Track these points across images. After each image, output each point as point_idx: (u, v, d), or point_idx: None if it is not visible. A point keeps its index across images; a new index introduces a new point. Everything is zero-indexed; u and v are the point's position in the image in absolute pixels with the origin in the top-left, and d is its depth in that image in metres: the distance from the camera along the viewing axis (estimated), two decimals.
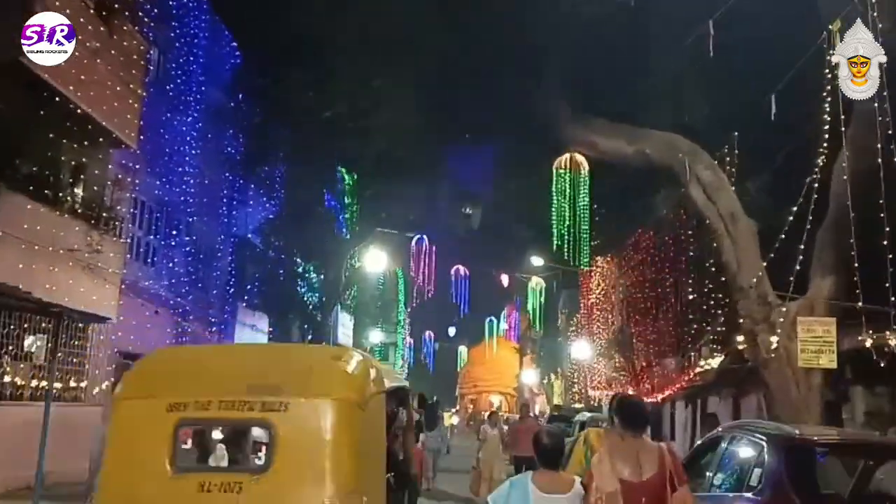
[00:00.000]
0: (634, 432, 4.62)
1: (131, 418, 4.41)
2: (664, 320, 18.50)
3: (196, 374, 4.67)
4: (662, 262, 18.02)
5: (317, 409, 4.26)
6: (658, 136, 12.50)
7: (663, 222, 17.14)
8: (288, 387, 4.35)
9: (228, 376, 4.56)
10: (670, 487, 4.37)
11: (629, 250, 21.97)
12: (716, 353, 13.65)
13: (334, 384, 4.43)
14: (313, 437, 4.19)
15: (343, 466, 4.19)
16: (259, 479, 4.16)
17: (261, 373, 4.56)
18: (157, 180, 18.97)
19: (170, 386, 4.45)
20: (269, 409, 4.22)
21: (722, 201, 11.68)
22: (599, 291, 28.99)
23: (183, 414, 4.25)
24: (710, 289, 13.43)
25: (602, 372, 30.69)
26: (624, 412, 4.73)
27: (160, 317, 19.54)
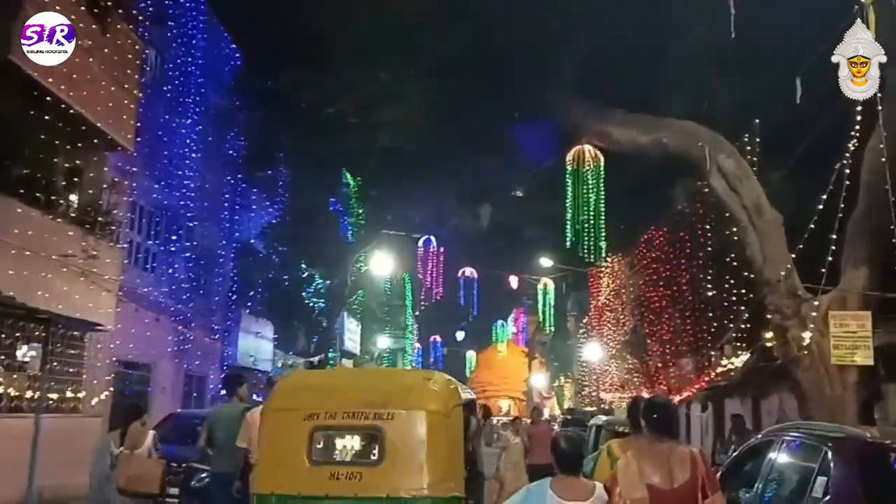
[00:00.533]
0: (664, 436, 4.43)
1: (278, 424, 5.95)
2: (680, 319, 17.86)
3: (324, 392, 6.28)
4: (678, 259, 17.39)
5: (415, 418, 5.74)
6: (676, 124, 11.92)
7: (679, 217, 16.52)
8: (393, 401, 5.83)
9: (348, 393, 6.13)
10: (702, 495, 4.16)
11: (642, 248, 21.34)
12: (740, 351, 13.01)
13: (427, 399, 5.90)
14: (413, 439, 5.66)
15: (435, 461, 5.64)
16: (374, 469, 5.67)
17: (372, 391, 6.10)
18: (155, 184, 18.45)
19: (305, 401, 5.99)
20: (379, 419, 5.73)
21: (745, 191, 11.09)
22: (609, 292, 28.35)
23: (316, 422, 5.78)
24: (731, 284, 12.84)
25: (614, 374, 30.05)
26: (653, 415, 4.53)
27: (161, 325, 19.01)
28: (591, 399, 38.19)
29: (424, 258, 21.10)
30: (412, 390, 6.05)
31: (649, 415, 4.56)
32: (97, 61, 14.75)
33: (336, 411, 5.91)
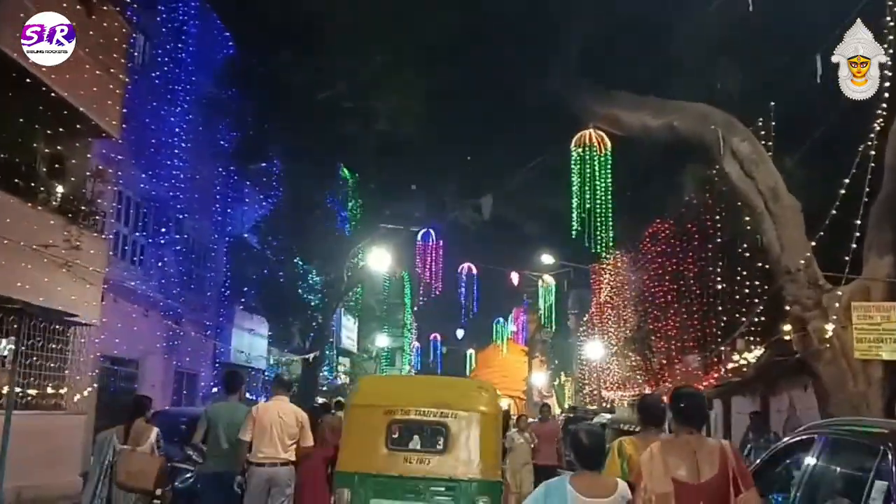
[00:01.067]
0: (691, 428, 4.19)
1: (361, 417, 7.32)
2: (687, 314, 17.23)
3: (398, 393, 7.82)
4: (685, 252, 16.76)
5: (471, 417, 7.12)
6: (688, 107, 11.29)
7: (686, 209, 15.90)
8: (455, 403, 7.25)
9: (418, 395, 7.59)
10: (734, 490, 3.92)
11: (646, 242, 20.71)
12: (753, 345, 12.37)
13: (480, 403, 7.34)
14: (470, 434, 7.02)
15: (486, 453, 7.03)
16: (440, 457, 7.04)
17: (437, 394, 7.58)
18: (142, 173, 17.82)
19: (383, 399, 7.37)
20: (444, 417, 7.14)
21: (761, 176, 10.46)
22: (612, 288, 27.75)
23: (392, 416, 7.17)
24: (743, 276, 12.21)
25: (616, 372, 29.47)
26: (679, 404, 4.30)
27: (149, 320, 18.37)
28: (591, 397, 37.65)
29: (423, 252, 20.42)
30: (469, 396, 7.60)
31: (675, 405, 4.33)
32: (81, 44, 13.98)
33: (409, 408, 7.41)
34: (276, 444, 8.00)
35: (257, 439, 7.94)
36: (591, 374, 36.58)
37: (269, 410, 8.21)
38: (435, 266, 20.39)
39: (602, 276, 28.92)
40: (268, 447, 7.98)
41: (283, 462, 8.04)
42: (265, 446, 7.97)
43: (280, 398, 8.47)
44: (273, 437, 8.00)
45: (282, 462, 8.02)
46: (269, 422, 8.04)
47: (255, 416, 8.09)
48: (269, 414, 8.13)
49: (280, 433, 8.02)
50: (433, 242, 20.51)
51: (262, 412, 8.14)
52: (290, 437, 8.10)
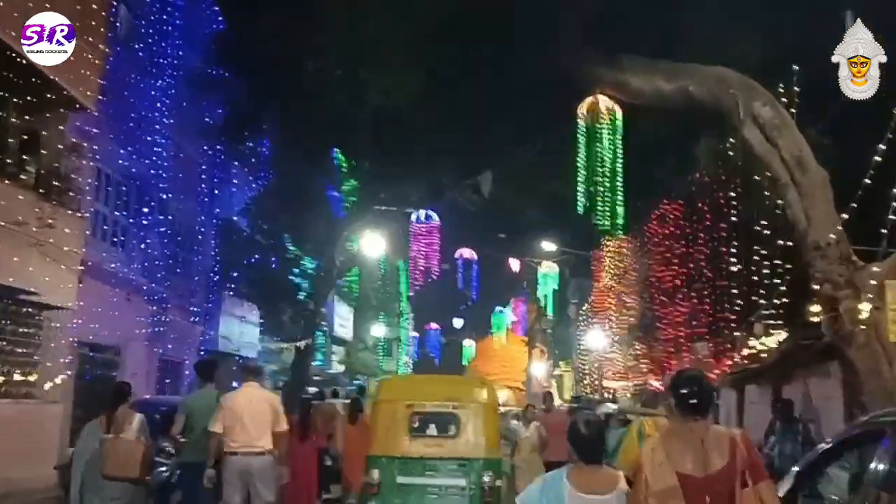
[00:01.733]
0: (697, 415, 3.83)
1: (387, 411, 8.66)
2: (697, 299, 16.36)
3: (416, 390, 9.63)
4: (695, 233, 15.87)
5: (478, 408, 8.67)
6: (704, 70, 10.38)
7: (697, 186, 15.01)
8: (462, 397, 8.81)
9: (432, 391, 9.32)
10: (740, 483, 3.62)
11: (653, 224, 19.82)
12: (774, 329, 11.49)
13: (482, 396, 8.90)
14: (477, 422, 8.51)
15: (488, 436, 8.50)
16: (452, 440, 8.50)
17: (448, 390, 9.28)
18: (123, 149, 16.89)
19: (404, 395, 8.83)
20: (456, 408, 8.64)
21: (786, 143, 9.57)
22: (614, 275, 26.88)
23: (413, 409, 8.60)
24: (762, 256, 11.33)
25: (618, 361, 28.66)
26: (682, 389, 3.88)
27: (132, 304, 17.51)
28: (592, 388, 36.85)
29: (419, 235, 19.49)
30: (473, 390, 9.16)
31: (676, 390, 3.90)
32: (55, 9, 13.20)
33: (426, 402, 8.81)
34: (250, 432, 7.84)
35: (229, 429, 7.82)
36: (591, 364, 35.78)
37: (239, 398, 8.08)
38: (431, 250, 19.46)
39: (604, 263, 28.05)
40: (240, 435, 7.81)
41: (259, 451, 7.85)
42: (238, 435, 7.82)
43: (250, 384, 8.30)
44: (245, 425, 7.84)
45: (257, 451, 7.84)
46: (239, 410, 7.90)
47: (224, 405, 8.01)
48: (238, 402, 8.00)
49: (252, 420, 7.87)
50: (431, 224, 19.54)
51: (231, 400, 8.04)
52: (263, 424, 7.93)
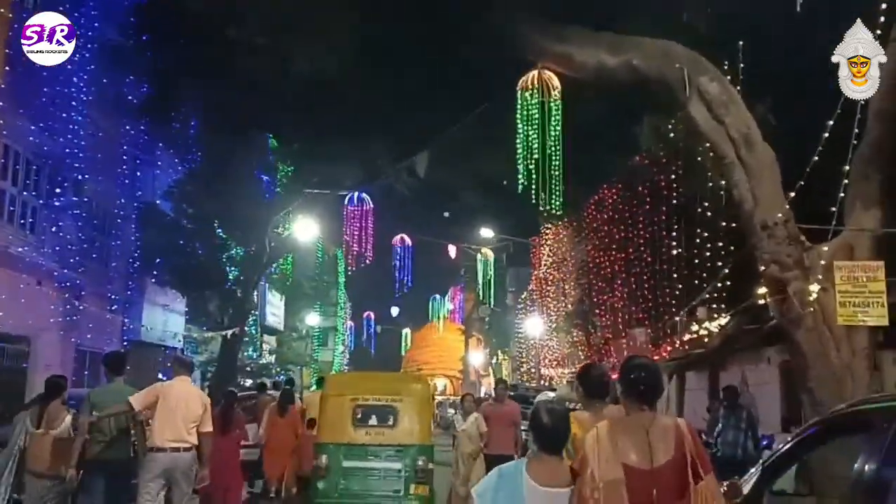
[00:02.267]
0: (644, 404, 3.73)
1: (334, 404, 9.75)
2: (636, 284, 16.12)
3: (359, 385, 10.37)
4: (634, 218, 15.60)
5: (413, 402, 9.81)
6: (649, 43, 9.93)
7: (638, 168, 14.69)
8: (401, 390, 10.04)
9: (373, 386, 10.19)
10: (693, 476, 3.52)
11: (591, 210, 19.53)
12: (717, 314, 11.18)
13: (416, 390, 10.21)
14: (412, 414, 9.66)
15: (422, 425, 9.69)
16: (390, 429, 9.57)
17: (386, 385, 10.43)
18: (33, 126, 15.68)
19: (349, 389, 9.99)
20: (394, 401, 9.79)
21: (732, 120, 9.19)
22: (552, 262, 26.64)
23: (356, 403, 9.68)
24: (704, 238, 11.03)
25: (556, 349, 28.52)
26: (630, 375, 3.80)
27: (43, 292, 16.30)
28: (530, 375, 36.80)
29: (352, 218, 18.74)
30: (408, 385, 10.47)
31: (626, 377, 3.80)
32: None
33: (368, 396, 9.73)
34: (181, 428, 7.62)
35: (161, 421, 7.55)
36: (529, 352, 35.70)
37: (175, 390, 7.77)
38: (365, 233, 18.73)
39: (542, 250, 27.82)
40: (172, 430, 7.57)
41: (186, 447, 7.64)
42: (170, 429, 7.56)
43: (182, 379, 8.06)
44: (177, 419, 7.62)
45: (185, 447, 7.62)
46: (174, 403, 7.63)
47: (157, 391, 7.71)
48: (172, 394, 7.70)
49: (184, 416, 7.66)
50: (364, 207, 18.81)
51: (166, 391, 7.72)
52: (193, 421, 7.73)
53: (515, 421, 11.22)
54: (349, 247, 19.91)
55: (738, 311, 10.40)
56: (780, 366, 13.95)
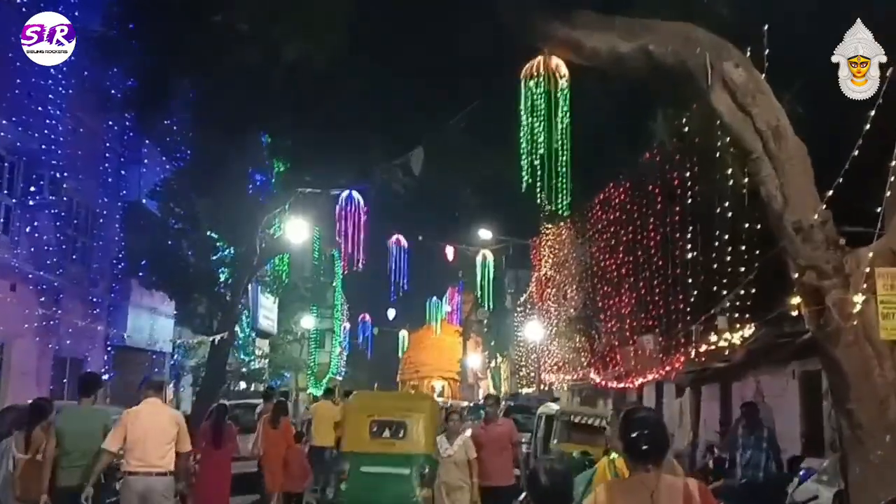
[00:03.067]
0: (649, 463, 3.42)
1: (354, 419, 11.69)
2: (645, 290, 15.25)
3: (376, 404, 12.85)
4: (644, 218, 14.72)
5: (422, 417, 11.33)
6: (666, 27, 9.01)
7: (649, 165, 13.81)
8: (412, 408, 11.69)
9: (388, 405, 12.67)
10: None
11: (597, 210, 18.64)
12: (740, 324, 10.30)
13: (424, 407, 11.81)
14: (419, 428, 11.13)
15: (428, 437, 10.87)
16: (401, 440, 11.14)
17: (399, 404, 12.89)
18: (5, 120, 14.83)
19: (368, 407, 11.98)
20: (404, 417, 11.36)
21: (760, 110, 8.28)
22: (553, 264, 25.75)
23: (373, 418, 11.40)
24: (723, 241, 10.17)
25: (557, 354, 27.65)
26: (631, 435, 3.47)
27: (18, 295, 15.50)
28: (528, 380, 35.92)
29: (345, 219, 17.88)
30: (417, 403, 12.34)
31: (625, 434, 3.58)
32: None
33: (383, 413, 11.65)
34: (151, 452, 7.54)
35: (130, 448, 7.54)
36: (528, 356, 34.81)
37: (141, 416, 7.73)
38: (358, 234, 17.85)
39: (542, 251, 26.91)
40: (142, 456, 7.51)
41: (160, 472, 7.56)
42: (139, 455, 7.52)
43: (151, 401, 7.96)
44: (146, 444, 7.54)
45: (158, 472, 7.53)
46: (141, 428, 7.58)
47: (124, 422, 7.64)
48: (140, 420, 7.66)
49: (155, 440, 7.59)
50: (357, 207, 17.93)
51: (132, 418, 7.68)
52: (166, 444, 7.64)
53: (513, 440, 10.34)
54: (341, 248, 18.99)
55: (765, 321, 9.50)
56: (801, 377, 13.10)
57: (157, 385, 8.61)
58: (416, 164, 14.85)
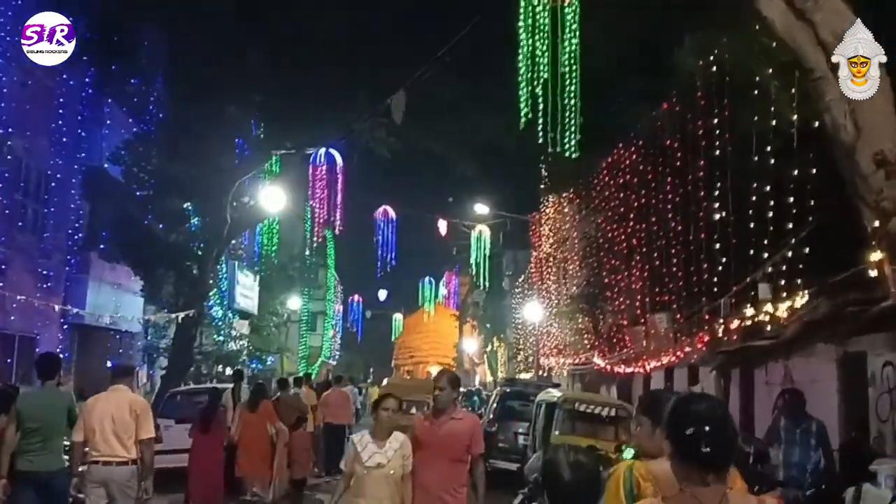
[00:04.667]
0: (711, 472, 2.53)
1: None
2: (659, 260, 13.47)
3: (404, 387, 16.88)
4: (661, 179, 12.89)
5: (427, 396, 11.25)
6: None
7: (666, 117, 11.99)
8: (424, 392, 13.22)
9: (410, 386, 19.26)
10: None
11: (604, 175, 16.81)
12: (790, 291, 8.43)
13: None
14: None
15: None
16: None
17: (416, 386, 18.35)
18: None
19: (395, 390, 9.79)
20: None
21: (825, 17, 6.53)
22: (554, 241, 23.98)
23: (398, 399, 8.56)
24: (763, 193, 8.38)
25: (557, 336, 25.94)
26: (685, 432, 2.56)
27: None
28: (527, 364, 34.31)
29: (320, 179, 16.04)
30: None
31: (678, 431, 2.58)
32: None
33: (406, 394, 11.25)
34: (111, 441, 7.33)
35: (90, 436, 7.36)
36: (527, 339, 33.12)
37: (100, 403, 7.50)
38: (335, 197, 16.01)
39: (542, 227, 25.13)
40: (102, 444, 7.32)
41: (122, 461, 7.35)
42: (99, 443, 7.33)
43: (116, 388, 7.68)
44: (106, 432, 7.33)
45: (119, 461, 7.33)
46: (99, 416, 7.37)
47: (84, 411, 7.49)
48: (99, 407, 7.44)
49: (114, 428, 7.35)
50: (335, 166, 16.07)
51: (92, 406, 7.50)
52: (126, 432, 7.40)
53: (473, 450, 6.26)
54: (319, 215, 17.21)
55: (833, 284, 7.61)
56: (839, 360, 11.31)
57: (124, 372, 8.30)
58: (398, 110, 13.07)
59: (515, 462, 13.93)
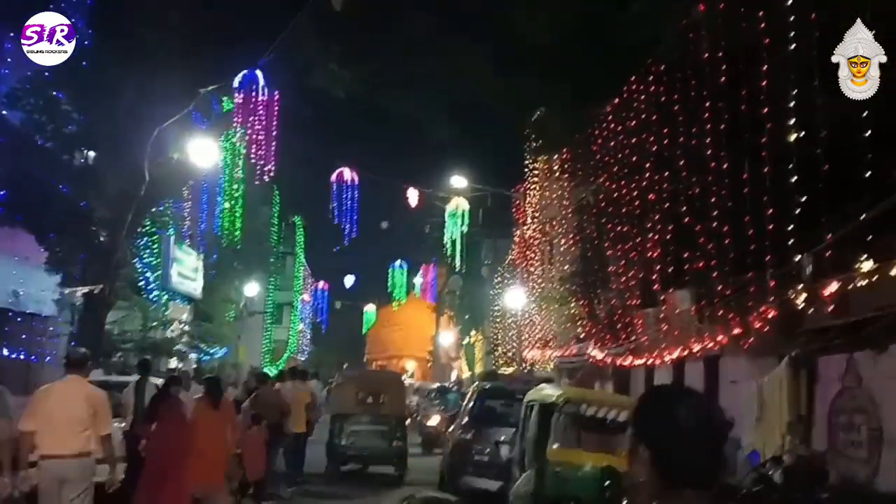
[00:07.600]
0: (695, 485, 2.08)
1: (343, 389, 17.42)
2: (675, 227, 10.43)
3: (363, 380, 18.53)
4: (693, 107, 9.79)
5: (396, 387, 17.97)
6: None
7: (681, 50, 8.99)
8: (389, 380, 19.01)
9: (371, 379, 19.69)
10: None
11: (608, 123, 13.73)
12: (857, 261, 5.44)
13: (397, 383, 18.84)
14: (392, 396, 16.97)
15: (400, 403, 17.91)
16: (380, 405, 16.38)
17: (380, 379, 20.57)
18: None
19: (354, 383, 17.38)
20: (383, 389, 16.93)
21: None
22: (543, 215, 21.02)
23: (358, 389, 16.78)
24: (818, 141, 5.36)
25: (542, 326, 23.03)
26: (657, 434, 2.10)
27: None
28: (507, 359, 31.48)
29: (246, 109, 12.86)
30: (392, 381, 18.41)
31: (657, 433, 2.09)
32: None
33: (367, 385, 16.74)
34: (66, 434, 7.04)
35: (40, 429, 7.07)
36: (507, 332, 30.26)
37: (52, 394, 7.34)
38: (266, 132, 12.81)
39: (529, 200, 22.10)
40: (52, 438, 7.03)
41: (76, 454, 7.03)
42: (49, 437, 7.04)
43: (72, 378, 7.45)
44: (55, 425, 7.04)
45: (73, 454, 7.02)
46: (50, 408, 7.13)
47: (34, 400, 7.39)
48: (50, 398, 7.26)
49: (68, 420, 7.08)
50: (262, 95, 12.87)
51: (42, 397, 7.37)
52: (79, 426, 7.12)
53: None
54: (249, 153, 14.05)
55: None
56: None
57: (76, 361, 7.86)
58: None
59: (496, 480, 10.83)
